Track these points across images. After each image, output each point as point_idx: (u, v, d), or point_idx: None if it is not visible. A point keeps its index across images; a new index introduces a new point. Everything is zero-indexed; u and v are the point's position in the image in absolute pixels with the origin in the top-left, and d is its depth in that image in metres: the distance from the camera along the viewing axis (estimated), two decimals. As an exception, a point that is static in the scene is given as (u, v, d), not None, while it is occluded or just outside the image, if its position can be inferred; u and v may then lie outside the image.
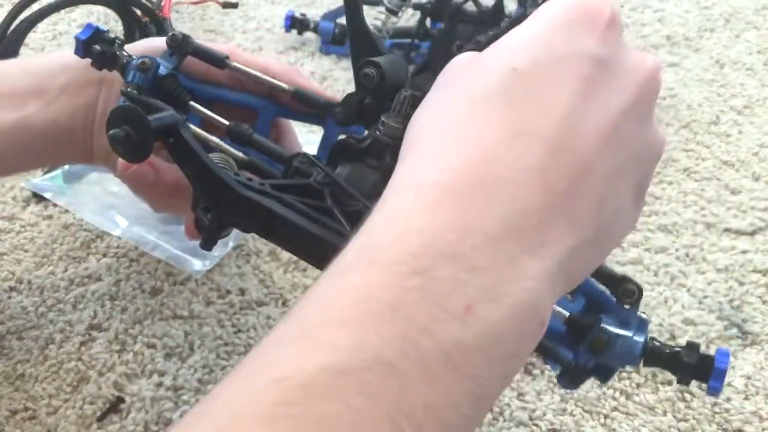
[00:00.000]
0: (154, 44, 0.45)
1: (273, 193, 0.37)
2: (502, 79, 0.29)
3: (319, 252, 0.36)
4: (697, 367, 0.37)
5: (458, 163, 0.27)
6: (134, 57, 0.43)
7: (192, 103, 0.43)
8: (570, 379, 0.38)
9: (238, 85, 0.47)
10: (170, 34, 0.44)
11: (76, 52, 0.43)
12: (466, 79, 0.30)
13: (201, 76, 0.46)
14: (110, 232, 0.57)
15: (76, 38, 0.43)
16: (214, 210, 0.38)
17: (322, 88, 0.50)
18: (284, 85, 0.45)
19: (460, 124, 0.28)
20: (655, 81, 0.30)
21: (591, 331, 0.38)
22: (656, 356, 0.38)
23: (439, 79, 0.31)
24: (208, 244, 0.39)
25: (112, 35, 0.44)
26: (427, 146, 0.28)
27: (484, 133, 0.27)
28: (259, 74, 0.45)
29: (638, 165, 0.30)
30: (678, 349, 0.38)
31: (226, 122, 0.42)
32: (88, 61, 0.43)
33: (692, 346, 0.38)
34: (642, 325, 0.38)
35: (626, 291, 0.39)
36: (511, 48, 0.30)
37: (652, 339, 0.38)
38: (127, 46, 0.44)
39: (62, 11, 0.76)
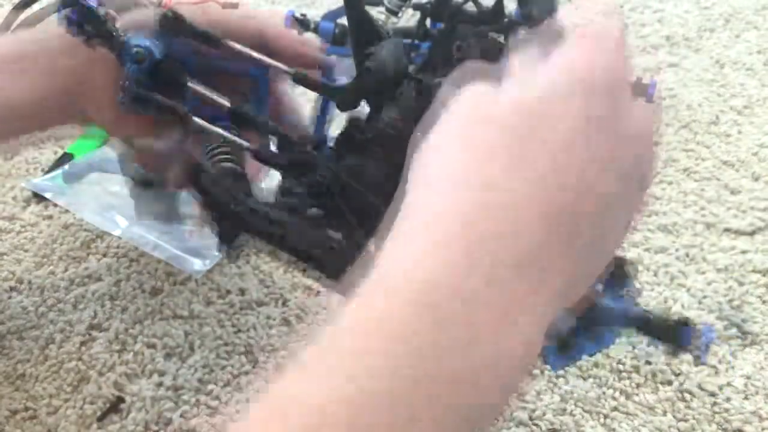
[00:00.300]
0: (144, 17, 0.44)
1: (280, 217, 0.37)
2: (511, 115, 0.29)
3: (330, 262, 0.36)
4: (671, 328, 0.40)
5: (467, 199, 0.27)
6: (128, 36, 0.42)
7: (190, 84, 0.43)
8: (561, 348, 0.41)
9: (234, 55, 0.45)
10: (162, 13, 0.42)
11: (68, 30, 0.42)
12: (480, 111, 0.30)
13: (194, 48, 0.45)
14: (110, 232, 0.58)
15: (67, 17, 0.42)
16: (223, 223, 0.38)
17: (315, 42, 0.53)
18: (283, 67, 0.44)
19: (471, 157, 0.29)
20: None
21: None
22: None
23: (452, 106, 0.31)
24: (224, 242, 0.40)
25: (101, 10, 0.42)
26: (436, 178, 0.29)
27: (493, 168, 0.28)
28: (255, 54, 0.44)
29: (635, 174, 0.31)
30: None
31: (228, 103, 0.42)
32: None
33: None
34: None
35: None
36: (526, 86, 0.30)
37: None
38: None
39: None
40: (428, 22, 0.76)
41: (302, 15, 0.80)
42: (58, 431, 0.46)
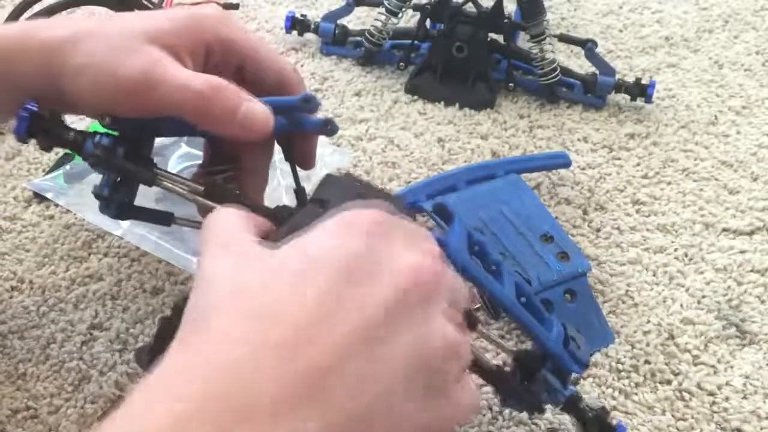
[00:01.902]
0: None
1: None
2: (263, 269, 0.32)
3: None
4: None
5: (212, 354, 0.29)
6: (86, 142, 0.42)
7: (158, 171, 0.43)
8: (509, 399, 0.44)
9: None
10: (88, 151, 0.42)
11: (17, 131, 0.42)
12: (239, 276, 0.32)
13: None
14: (112, 232, 0.58)
15: (18, 134, 0.42)
16: None
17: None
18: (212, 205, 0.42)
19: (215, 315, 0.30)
20: (424, 282, 0.32)
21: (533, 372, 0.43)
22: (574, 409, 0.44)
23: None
24: None
25: (45, 113, 0.42)
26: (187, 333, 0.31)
27: (230, 325, 0.30)
28: (188, 196, 0.43)
29: (414, 362, 0.31)
30: (591, 413, 0.44)
31: (200, 186, 0.43)
32: None
33: (601, 416, 0.44)
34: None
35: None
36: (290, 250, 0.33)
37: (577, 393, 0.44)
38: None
39: (63, 12, 0.76)
40: (428, 22, 0.76)
41: (302, 16, 0.81)
42: (59, 431, 0.46)
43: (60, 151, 0.65)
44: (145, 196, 0.50)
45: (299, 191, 0.47)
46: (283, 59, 0.47)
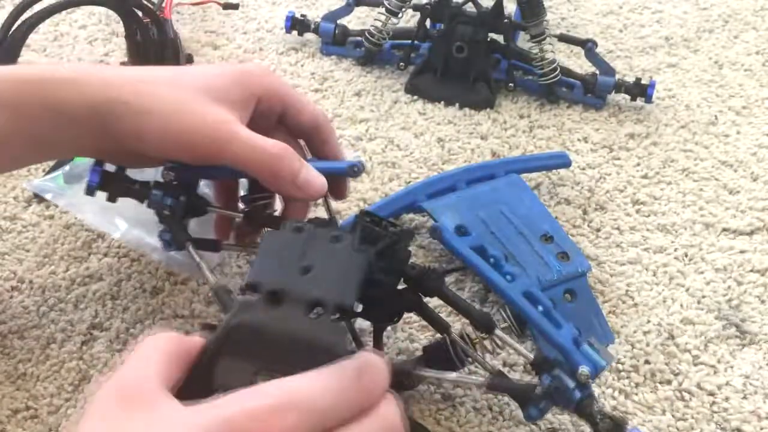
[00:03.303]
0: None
1: None
2: None
3: None
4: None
5: None
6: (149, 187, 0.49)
7: (210, 208, 0.51)
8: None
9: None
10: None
11: (90, 185, 0.50)
12: None
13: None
14: (110, 233, 0.58)
15: (89, 185, 0.50)
16: None
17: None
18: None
19: None
20: None
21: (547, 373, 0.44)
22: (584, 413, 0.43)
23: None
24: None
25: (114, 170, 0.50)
26: None
27: None
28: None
29: None
30: (603, 420, 0.43)
31: (239, 216, 0.51)
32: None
33: (617, 422, 0.43)
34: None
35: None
36: None
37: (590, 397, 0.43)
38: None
39: (63, 12, 0.76)
40: (428, 22, 0.76)
41: (302, 16, 0.81)
42: (59, 431, 0.46)
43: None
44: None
45: (331, 220, 0.50)
46: (317, 108, 0.53)
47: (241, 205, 0.53)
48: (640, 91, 0.74)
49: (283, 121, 0.51)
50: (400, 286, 0.46)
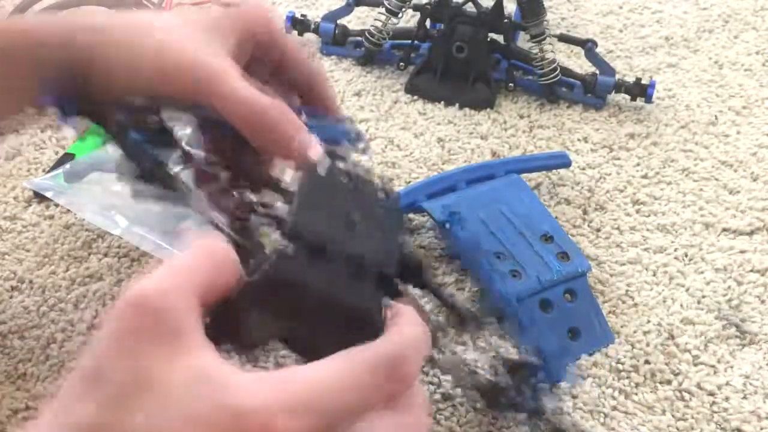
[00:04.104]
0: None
1: None
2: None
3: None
4: None
5: None
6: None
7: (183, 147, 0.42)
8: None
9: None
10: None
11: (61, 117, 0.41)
12: None
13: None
14: (110, 231, 0.58)
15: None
16: None
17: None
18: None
19: None
20: None
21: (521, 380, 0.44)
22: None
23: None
24: None
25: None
26: None
27: None
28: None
29: None
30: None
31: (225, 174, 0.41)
32: None
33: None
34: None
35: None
36: None
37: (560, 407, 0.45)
38: None
39: (63, 12, 0.76)
40: (428, 22, 0.76)
41: (302, 15, 0.81)
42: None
43: (60, 151, 0.65)
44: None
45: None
46: (314, 60, 0.48)
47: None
48: (640, 91, 0.74)
49: (278, 71, 0.47)
50: None
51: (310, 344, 0.33)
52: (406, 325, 0.30)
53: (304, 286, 0.31)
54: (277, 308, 0.31)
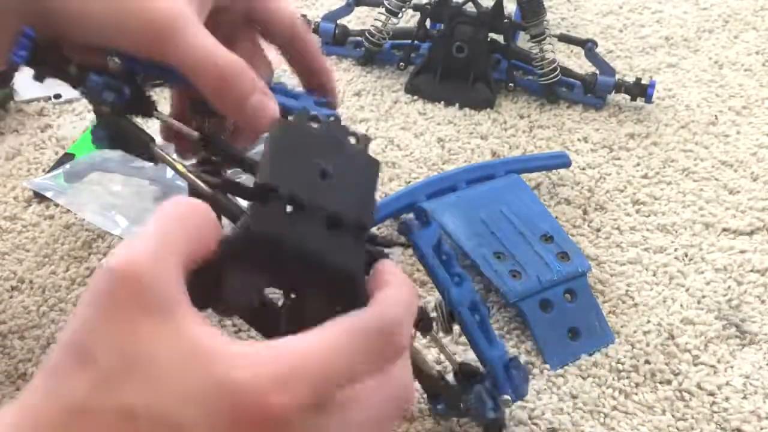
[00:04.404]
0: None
1: None
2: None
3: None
4: None
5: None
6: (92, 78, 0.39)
7: (157, 113, 0.41)
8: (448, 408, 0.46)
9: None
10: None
11: (16, 57, 0.38)
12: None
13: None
14: (111, 231, 0.58)
15: (19, 41, 0.38)
16: None
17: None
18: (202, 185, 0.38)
19: None
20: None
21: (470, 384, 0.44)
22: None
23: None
24: None
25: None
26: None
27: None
28: (178, 167, 0.38)
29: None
30: None
31: (195, 133, 0.40)
32: None
33: None
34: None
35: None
36: None
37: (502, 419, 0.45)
38: None
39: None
40: (428, 22, 0.76)
41: (302, 16, 0.81)
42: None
43: (60, 151, 0.65)
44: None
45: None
46: (293, 12, 0.45)
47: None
48: (640, 91, 0.74)
49: (249, 22, 0.44)
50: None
51: (295, 311, 0.32)
52: (393, 287, 0.29)
53: (282, 240, 0.30)
54: (258, 265, 0.30)
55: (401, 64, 0.77)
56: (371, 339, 0.27)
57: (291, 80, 0.61)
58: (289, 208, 0.31)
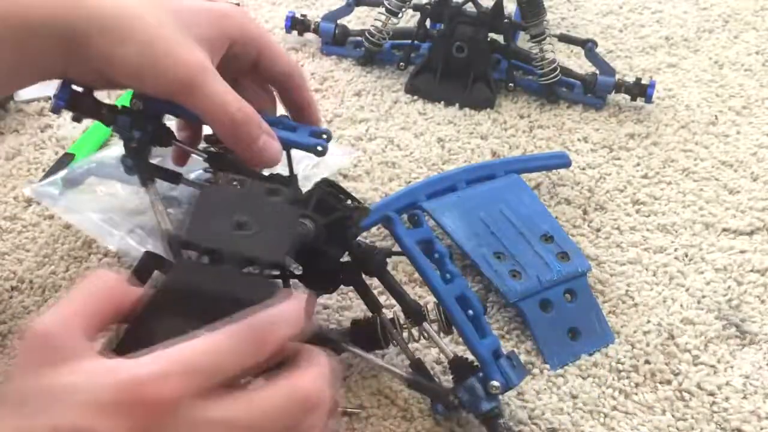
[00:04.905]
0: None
1: None
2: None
3: None
4: None
5: None
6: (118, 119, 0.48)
7: (174, 141, 0.50)
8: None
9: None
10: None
11: (57, 103, 0.47)
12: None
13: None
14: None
15: (59, 88, 0.47)
16: None
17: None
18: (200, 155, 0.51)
19: None
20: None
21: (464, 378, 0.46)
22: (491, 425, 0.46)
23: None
24: None
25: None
26: None
27: None
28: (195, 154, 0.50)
29: None
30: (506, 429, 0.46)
31: (203, 156, 0.49)
32: None
33: None
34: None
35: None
36: None
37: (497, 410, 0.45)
38: None
39: None
40: (428, 22, 0.76)
41: (302, 16, 0.81)
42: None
43: (60, 151, 0.65)
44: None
45: (292, 177, 0.49)
46: (290, 58, 0.52)
47: (203, 144, 0.53)
48: (640, 91, 0.74)
49: (256, 67, 0.51)
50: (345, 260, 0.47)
51: None
52: (279, 301, 0.34)
53: (200, 289, 0.34)
54: (180, 313, 0.34)
55: (401, 64, 0.77)
56: (249, 336, 0.32)
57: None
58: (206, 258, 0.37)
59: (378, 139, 0.69)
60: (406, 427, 0.47)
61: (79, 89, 0.48)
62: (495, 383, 0.44)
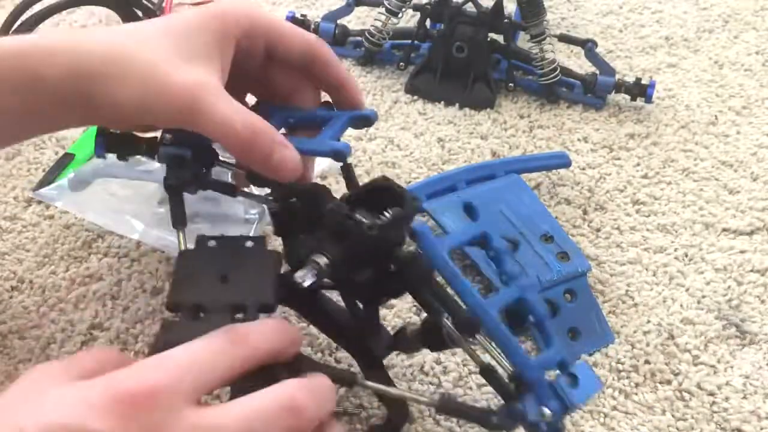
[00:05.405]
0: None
1: None
2: None
3: None
4: None
5: None
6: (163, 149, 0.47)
7: (217, 161, 0.48)
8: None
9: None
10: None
11: (98, 153, 0.48)
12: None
13: None
14: (128, 235, 0.57)
15: (96, 140, 0.48)
16: None
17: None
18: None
19: None
20: None
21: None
22: None
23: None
24: None
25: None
26: None
27: None
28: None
29: None
30: None
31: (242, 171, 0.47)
32: None
33: None
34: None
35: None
36: None
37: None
38: None
39: (64, 12, 0.76)
40: (428, 22, 0.76)
41: (302, 15, 0.81)
42: None
43: (60, 151, 0.65)
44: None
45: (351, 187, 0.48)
46: (309, 34, 0.48)
47: None
48: (640, 91, 0.74)
49: (272, 56, 0.47)
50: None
51: None
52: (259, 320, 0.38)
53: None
54: None
55: (401, 64, 0.77)
56: (215, 335, 0.36)
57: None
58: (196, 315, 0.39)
59: (378, 139, 0.69)
60: (406, 428, 0.47)
61: (117, 131, 0.48)
62: (545, 411, 0.38)
